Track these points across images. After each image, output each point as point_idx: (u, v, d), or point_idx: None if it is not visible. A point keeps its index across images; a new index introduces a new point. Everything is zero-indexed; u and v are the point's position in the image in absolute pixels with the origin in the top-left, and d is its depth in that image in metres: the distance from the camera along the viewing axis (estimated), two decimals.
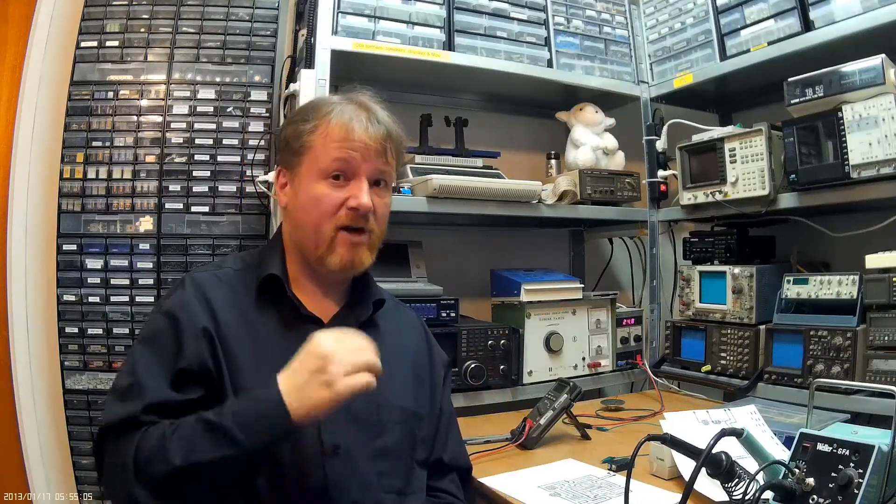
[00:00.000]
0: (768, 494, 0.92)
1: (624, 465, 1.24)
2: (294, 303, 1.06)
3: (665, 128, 2.13)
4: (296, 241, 1.10)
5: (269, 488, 0.93)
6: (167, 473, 0.83)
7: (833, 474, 0.90)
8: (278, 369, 0.99)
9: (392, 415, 1.06)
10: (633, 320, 2.14)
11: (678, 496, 0.87)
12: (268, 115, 1.86)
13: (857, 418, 1.43)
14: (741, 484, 0.90)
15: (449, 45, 1.86)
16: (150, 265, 1.77)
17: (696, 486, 0.94)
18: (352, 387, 0.86)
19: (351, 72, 1.76)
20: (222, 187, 1.82)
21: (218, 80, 1.85)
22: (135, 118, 1.80)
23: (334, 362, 0.86)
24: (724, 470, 0.90)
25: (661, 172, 2.13)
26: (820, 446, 0.94)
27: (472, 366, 1.75)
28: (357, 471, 0.99)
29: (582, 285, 2.01)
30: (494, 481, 1.23)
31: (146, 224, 1.78)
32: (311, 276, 1.10)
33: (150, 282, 1.77)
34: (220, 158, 1.82)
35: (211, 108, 1.83)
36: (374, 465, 1.01)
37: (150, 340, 0.99)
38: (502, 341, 1.81)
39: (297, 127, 1.08)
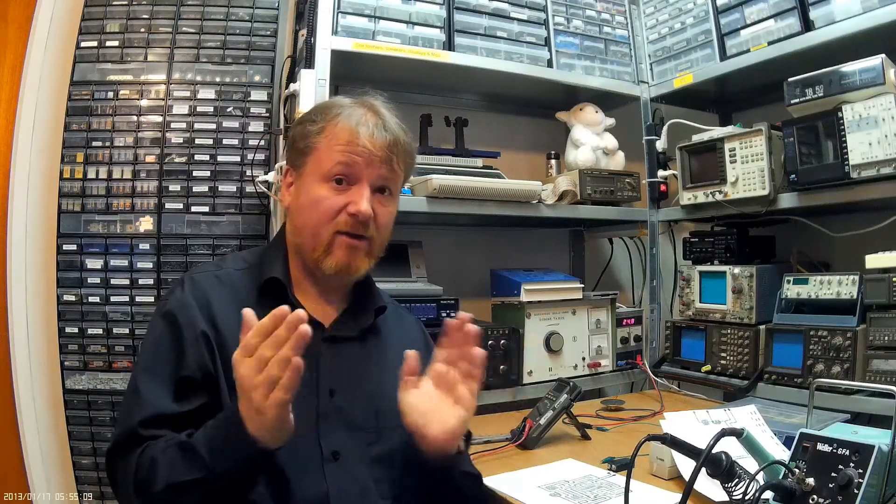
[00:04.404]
0: (768, 494, 0.92)
1: (624, 465, 1.24)
2: (296, 307, 1.05)
3: (665, 128, 2.13)
4: (296, 243, 1.09)
5: (270, 496, 0.92)
6: (158, 494, 0.85)
7: (833, 474, 0.90)
8: None
9: (391, 420, 1.05)
10: (633, 320, 2.14)
11: (678, 496, 0.87)
12: (268, 115, 1.86)
13: (857, 418, 1.43)
14: (741, 484, 0.90)
15: (449, 45, 1.86)
16: (150, 265, 1.77)
17: (696, 486, 0.94)
18: (276, 405, 0.80)
19: (351, 72, 1.77)
20: (222, 187, 1.82)
21: (218, 80, 1.85)
22: (135, 118, 1.80)
23: (249, 389, 0.80)
24: (724, 470, 0.90)
25: (661, 172, 2.13)
26: (820, 446, 0.94)
27: None
28: (357, 477, 0.99)
29: (582, 285, 2.01)
30: (494, 481, 1.23)
31: (146, 224, 1.79)
32: (312, 280, 1.09)
33: (150, 282, 1.77)
34: (220, 158, 1.83)
35: (211, 108, 1.83)
36: (371, 471, 1.01)
37: (152, 351, 0.99)
38: (502, 341, 1.81)
39: (305, 127, 1.08)
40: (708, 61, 1.96)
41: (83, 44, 1.81)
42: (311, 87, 1.61)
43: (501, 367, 1.80)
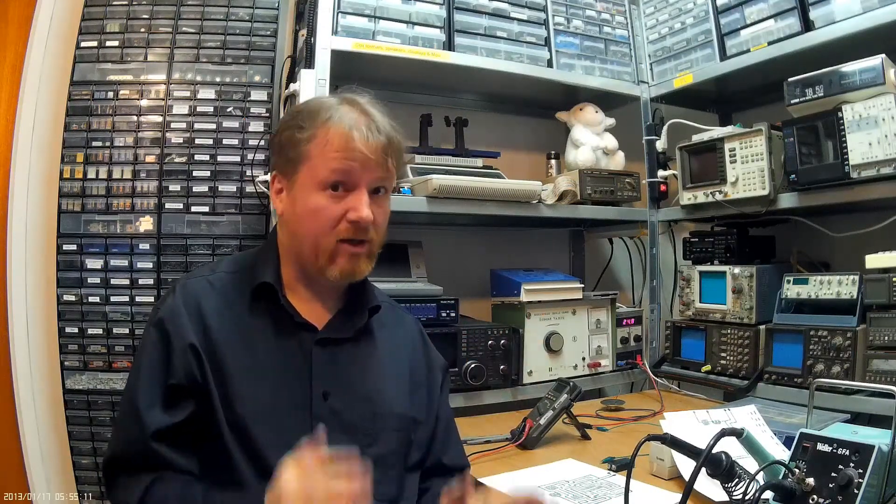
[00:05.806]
0: (768, 494, 0.92)
1: (624, 465, 1.24)
2: (287, 310, 1.04)
3: (665, 128, 2.13)
4: (294, 250, 1.07)
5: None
6: None
7: (833, 474, 0.90)
8: (271, 377, 0.99)
9: (387, 422, 1.05)
10: (633, 320, 2.14)
11: (678, 496, 0.87)
12: (268, 115, 1.86)
13: (857, 418, 1.43)
14: (741, 484, 0.90)
15: (449, 45, 1.86)
16: (150, 265, 1.77)
17: (696, 486, 0.94)
18: None
19: (351, 72, 1.76)
20: (222, 187, 1.82)
21: (218, 80, 1.85)
22: (135, 118, 1.80)
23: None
24: (724, 470, 0.90)
25: (661, 172, 2.13)
26: (820, 446, 0.94)
27: (472, 366, 1.75)
28: None
29: (582, 285, 2.01)
30: (494, 481, 1.23)
31: (146, 224, 1.78)
32: (307, 283, 1.08)
33: (150, 282, 1.77)
34: (220, 158, 1.82)
35: (211, 108, 1.83)
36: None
37: (144, 360, 0.99)
38: (502, 341, 1.81)
39: (294, 134, 1.04)
40: (708, 61, 1.97)
41: (83, 44, 1.81)
42: (311, 87, 1.62)
43: (501, 367, 1.80)
